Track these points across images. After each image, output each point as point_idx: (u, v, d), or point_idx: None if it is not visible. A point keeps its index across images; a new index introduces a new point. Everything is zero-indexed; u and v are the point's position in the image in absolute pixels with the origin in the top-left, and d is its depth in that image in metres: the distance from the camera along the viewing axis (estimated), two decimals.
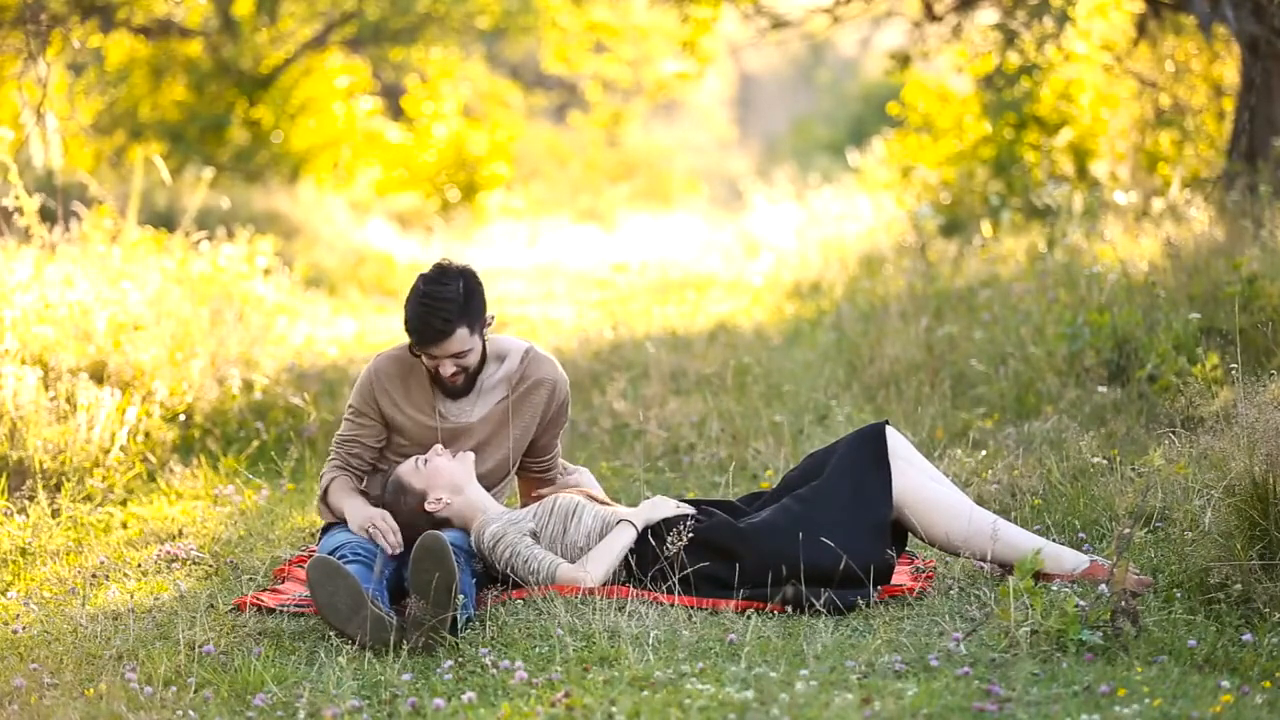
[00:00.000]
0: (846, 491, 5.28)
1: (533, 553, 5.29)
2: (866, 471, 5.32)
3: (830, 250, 12.79)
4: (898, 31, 16.51)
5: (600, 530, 5.34)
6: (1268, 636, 4.67)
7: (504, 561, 5.31)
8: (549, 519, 5.37)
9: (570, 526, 5.36)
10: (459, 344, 5.46)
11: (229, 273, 9.60)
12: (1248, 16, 10.09)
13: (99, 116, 17.28)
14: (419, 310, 5.44)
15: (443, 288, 5.44)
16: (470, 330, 5.47)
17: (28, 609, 5.34)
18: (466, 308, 5.45)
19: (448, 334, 5.43)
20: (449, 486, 5.44)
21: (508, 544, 5.31)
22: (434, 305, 5.42)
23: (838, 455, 5.38)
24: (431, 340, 5.45)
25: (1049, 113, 12.73)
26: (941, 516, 5.30)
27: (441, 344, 5.45)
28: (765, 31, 13.81)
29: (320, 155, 18.01)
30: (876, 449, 5.35)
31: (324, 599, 4.89)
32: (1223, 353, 7.17)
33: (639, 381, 8.62)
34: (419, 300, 5.45)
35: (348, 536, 5.42)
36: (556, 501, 5.41)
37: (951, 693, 4.35)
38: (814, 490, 5.31)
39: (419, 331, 5.45)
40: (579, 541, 5.33)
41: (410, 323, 5.47)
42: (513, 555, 5.29)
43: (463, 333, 5.45)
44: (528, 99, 23.49)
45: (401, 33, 18.66)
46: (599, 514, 5.37)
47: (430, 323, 5.42)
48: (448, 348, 5.46)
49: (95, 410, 7.06)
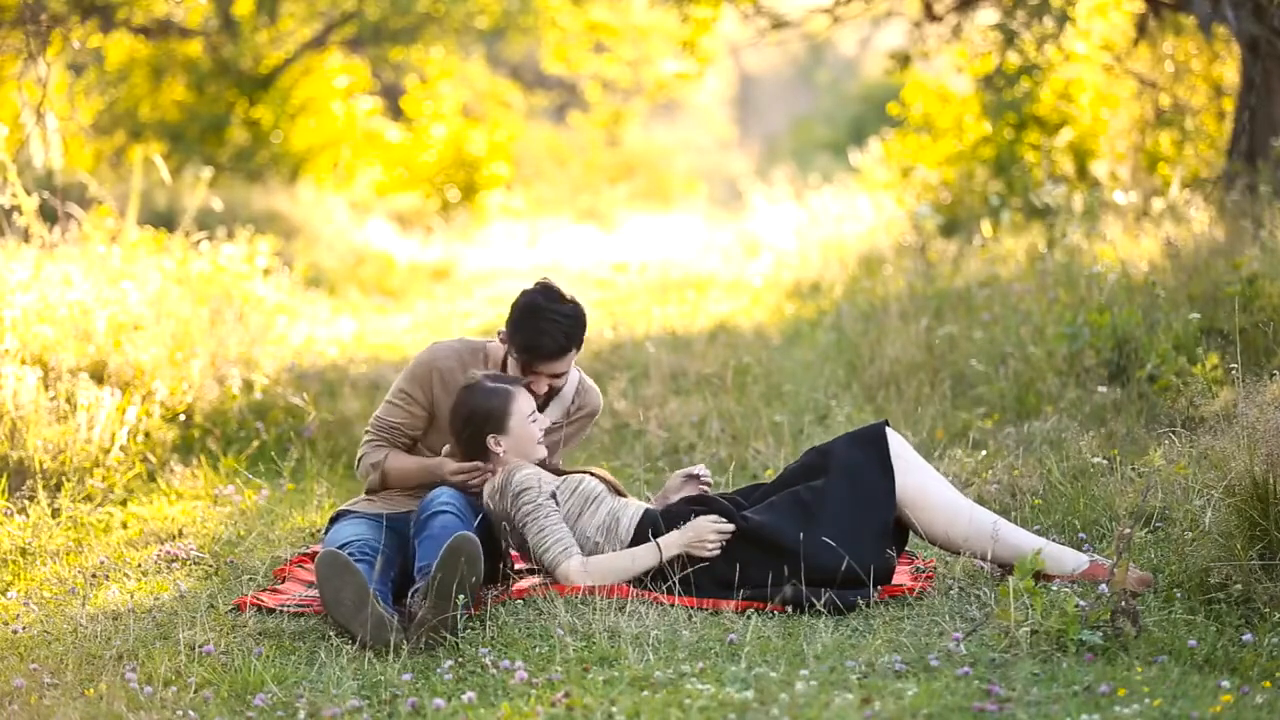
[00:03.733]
0: (848, 495, 5.28)
1: (553, 524, 5.25)
2: (869, 474, 5.31)
3: (830, 250, 12.78)
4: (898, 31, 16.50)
5: (609, 526, 5.32)
6: (1268, 636, 4.67)
7: (520, 514, 5.26)
8: (571, 496, 5.36)
9: (586, 512, 5.34)
10: (567, 364, 5.56)
11: (229, 273, 9.60)
12: (1248, 16, 10.09)
13: (99, 116, 17.28)
14: (549, 327, 5.49)
15: (567, 306, 5.53)
16: (577, 351, 5.59)
17: (28, 609, 5.34)
18: (582, 330, 5.57)
19: (568, 351, 5.53)
20: (524, 452, 5.43)
21: (532, 501, 5.27)
22: (562, 323, 5.49)
23: (838, 457, 5.37)
24: (555, 356, 5.51)
25: (1049, 113, 12.72)
26: (942, 515, 5.30)
27: (561, 360, 5.53)
28: (765, 31, 13.80)
29: (320, 155, 18.01)
30: (879, 450, 5.35)
31: (330, 594, 4.90)
32: (1223, 353, 7.17)
33: (639, 381, 8.62)
34: (548, 317, 5.49)
35: (354, 532, 5.42)
36: (583, 482, 5.40)
37: (951, 693, 4.35)
38: (815, 492, 5.30)
39: (543, 348, 5.49)
40: (587, 530, 5.32)
41: (536, 338, 5.49)
42: (533, 512, 5.25)
43: (573, 354, 5.57)
44: (528, 99, 23.48)
45: (401, 33, 18.65)
46: (613, 509, 5.36)
47: (558, 339, 5.48)
48: (559, 366, 5.54)
49: (95, 410, 7.06)
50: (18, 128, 9.21)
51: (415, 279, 14.36)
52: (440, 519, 5.22)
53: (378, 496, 5.67)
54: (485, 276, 14.66)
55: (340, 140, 18.24)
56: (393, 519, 5.53)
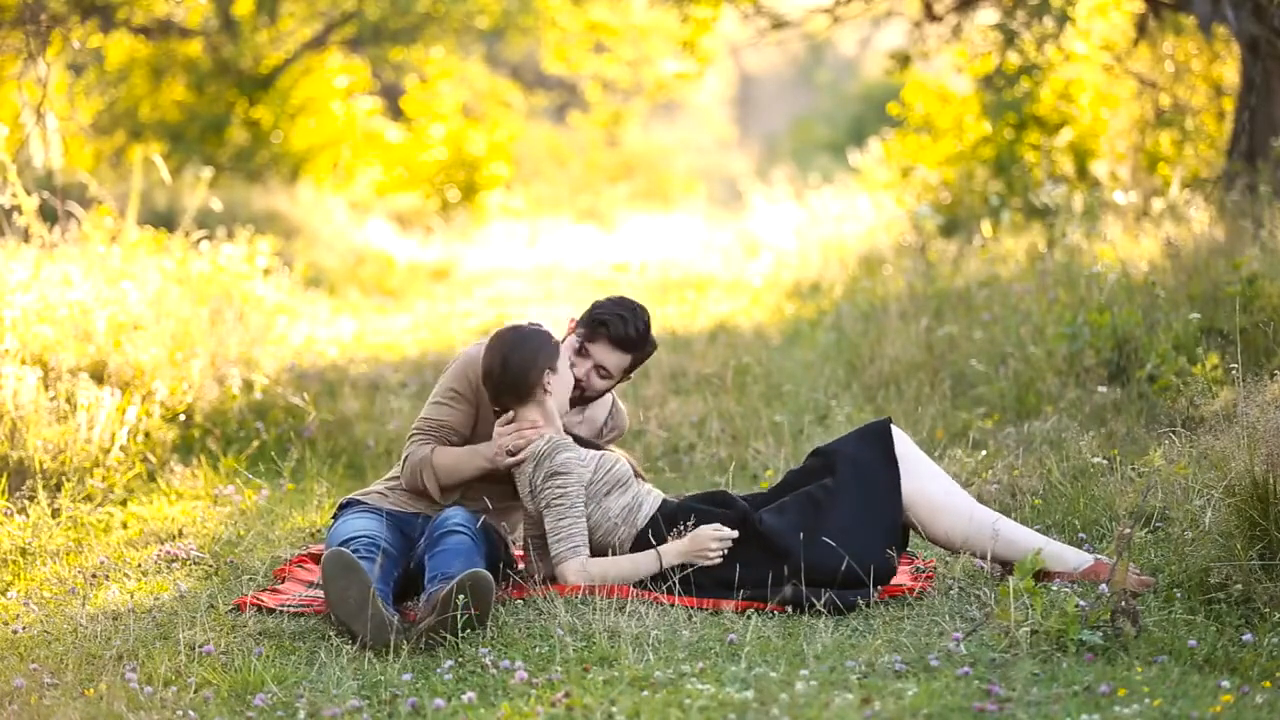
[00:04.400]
0: (858, 493, 5.28)
1: (571, 520, 5.25)
2: (876, 472, 5.31)
3: (830, 250, 12.78)
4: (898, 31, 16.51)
5: (631, 508, 5.32)
6: (1268, 636, 4.67)
7: (545, 496, 5.27)
8: (603, 476, 5.36)
9: (614, 494, 5.34)
10: (617, 363, 5.60)
11: (229, 273, 9.60)
12: (1248, 16, 10.09)
13: (99, 116, 17.28)
14: (630, 318, 5.57)
15: (645, 325, 5.61)
16: (628, 368, 5.65)
17: (28, 609, 5.34)
18: (647, 347, 5.64)
19: (628, 346, 5.58)
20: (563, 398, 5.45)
21: (562, 489, 5.26)
22: (639, 325, 5.58)
23: (845, 456, 5.37)
24: (617, 343, 5.56)
25: (1049, 113, 12.72)
26: (944, 516, 5.30)
27: (616, 351, 5.58)
28: (765, 31, 13.81)
29: (320, 155, 18.01)
30: (885, 447, 5.35)
31: (336, 593, 4.91)
32: (1223, 353, 7.17)
33: (639, 381, 8.62)
34: (633, 314, 5.58)
35: (359, 527, 5.41)
36: (616, 464, 5.40)
37: (951, 693, 4.35)
38: (826, 490, 5.31)
39: (614, 328, 5.55)
40: (611, 510, 5.32)
41: (614, 318, 5.55)
42: (559, 501, 5.25)
43: (627, 359, 5.61)
44: (528, 99, 23.48)
45: (401, 33, 18.66)
46: (637, 494, 5.38)
47: (630, 331, 5.56)
48: (611, 357, 5.58)
49: (95, 410, 7.06)
50: (18, 128, 9.21)
51: (415, 279, 14.36)
52: (454, 539, 5.23)
53: (391, 491, 5.65)
54: (485, 276, 14.67)
55: (340, 140, 18.24)
56: (398, 516, 5.53)
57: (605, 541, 5.35)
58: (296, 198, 16.19)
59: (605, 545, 5.35)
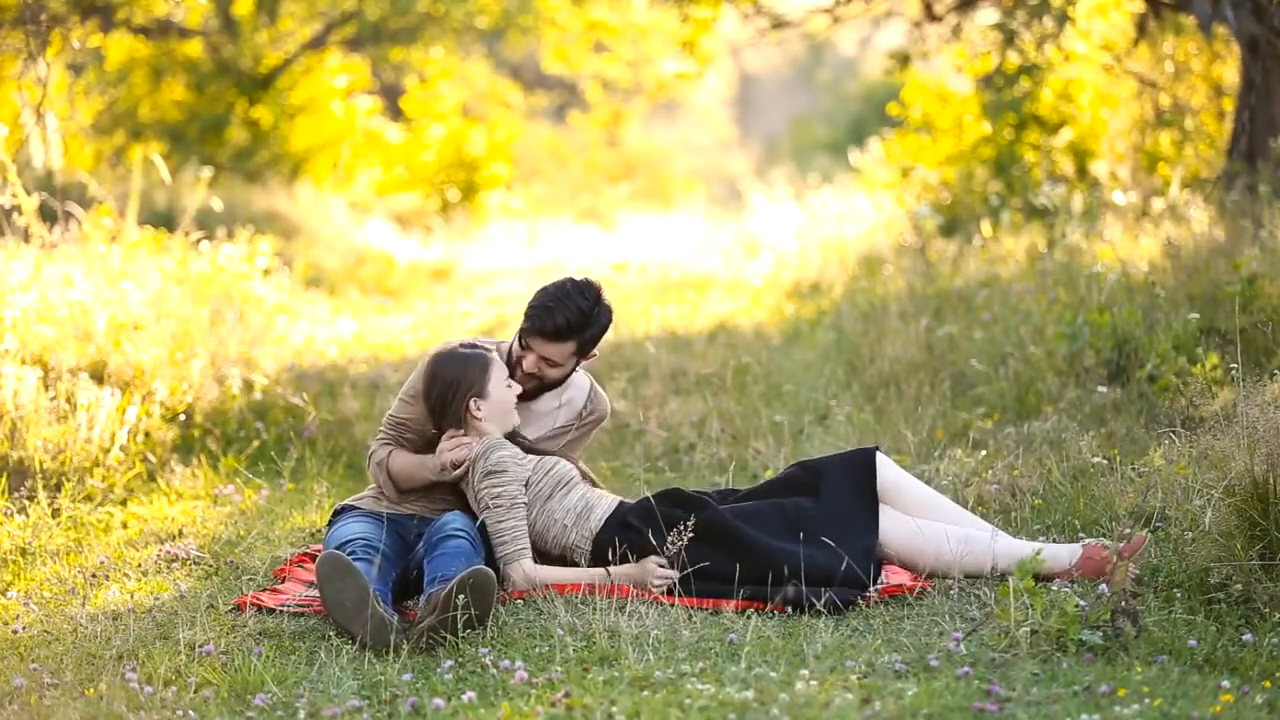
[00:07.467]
0: (833, 523, 5.30)
1: (511, 521, 5.26)
2: (855, 504, 5.35)
3: (830, 250, 12.78)
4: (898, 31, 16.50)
5: (580, 511, 5.34)
6: (1268, 636, 4.67)
7: (482, 497, 5.28)
8: (543, 478, 5.39)
9: (557, 494, 5.37)
10: (559, 353, 5.57)
11: (229, 273, 9.60)
12: (1248, 16, 10.08)
13: (99, 116, 17.28)
14: (558, 307, 5.52)
15: (587, 302, 5.54)
16: (575, 352, 5.59)
17: (28, 609, 5.34)
18: (588, 330, 5.56)
19: (563, 338, 5.54)
20: (502, 419, 5.43)
21: (499, 487, 5.28)
22: (572, 311, 5.52)
23: (828, 481, 5.39)
24: (548, 337, 5.53)
25: (1049, 113, 12.72)
26: (927, 553, 5.32)
27: (553, 344, 5.55)
28: (765, 31, 13.80)
29: (320, 155, 18.01)
30: (867, 481, 5.38)
31: (332, 595, 4.91)
32: (1223, 353, 7.17)
33: (639, 381, 8.62)
34: (563, 300, 5.52)
35: (355, 530, 5.42)
36: (556, 465, 5.43)
37: (951, 693, 4.35)
38: (801, 510, 5.33)
39: (541, 323, 5.52)
40: (556, 512, 5.34)
41: (541, 311, 5.53)
42: (496, 501, 5.27)
43: (569, 346, 5.56)
44: (528, 99, 23.47)
45: (401, 33, 18.65)
46: (585, 495, 5.39)
47: (557, 322, 5.52)
48: (550, 350, 5.55)
49: (95, 410, 7.06)
50: (18, 128, 9.21)
51: (415, 279, 14.36)
52: (453, 542, 5.24)
53: (383, 495, 5.67)
54: (485, 276, 14.66)
55: (340, 140, 18.24)
56: (394, 519, 5.53)
57: (560, 544, 5.37)
58: (296, 198, 16.18)
59: (562, 549, 5.37)
